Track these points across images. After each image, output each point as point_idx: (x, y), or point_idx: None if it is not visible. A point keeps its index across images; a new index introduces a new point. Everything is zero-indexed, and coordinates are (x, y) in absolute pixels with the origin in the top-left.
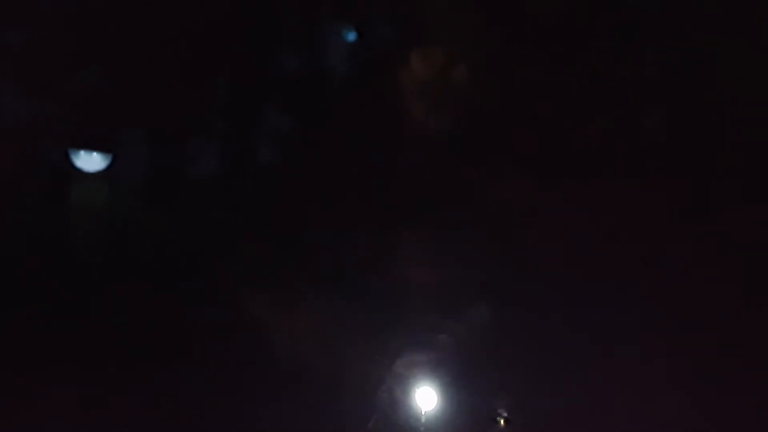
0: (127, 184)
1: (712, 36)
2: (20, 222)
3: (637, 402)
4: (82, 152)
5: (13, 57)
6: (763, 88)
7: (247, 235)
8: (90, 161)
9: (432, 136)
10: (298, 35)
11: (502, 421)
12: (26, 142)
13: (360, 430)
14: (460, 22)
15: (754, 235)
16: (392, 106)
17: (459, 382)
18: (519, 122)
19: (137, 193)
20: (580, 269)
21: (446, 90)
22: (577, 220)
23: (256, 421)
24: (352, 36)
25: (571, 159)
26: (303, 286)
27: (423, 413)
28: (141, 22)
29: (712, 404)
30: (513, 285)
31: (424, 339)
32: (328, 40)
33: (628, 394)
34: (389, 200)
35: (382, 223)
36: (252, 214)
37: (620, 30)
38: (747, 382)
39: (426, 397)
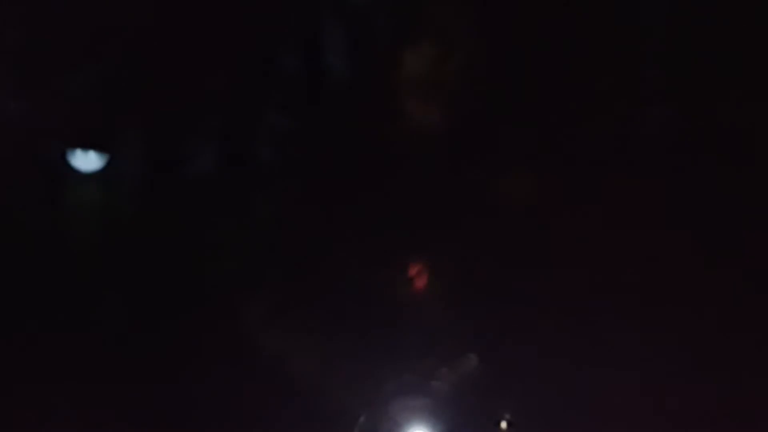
0: (124, 183)
1: (712, 35)
2: (15, 222)
3: None
4: (78, 151)
5: (8, 55)
6: (763, 88)
7: (246, 236)
8: (86, 161)
9: (432, 137)
10: (298, 35)
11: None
12: (21, 141)
13: None
14: (460, 21)
15: (755, 235)
16: (392, 105)
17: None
18: (521, 122)
19: (133, 193)
20: (590, 303)
21: (447, 89)
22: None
23: None
24: None
25: (573, 159)
26: (300, 294)
27: None
28: (138, 21)
29: (713, 404)
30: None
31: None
32: (328, 40)
33: None
34: (389, 201)
35: (382, 225)
36: (250, 214)
37: (621, 28)
38: (748, 382)
39: None
